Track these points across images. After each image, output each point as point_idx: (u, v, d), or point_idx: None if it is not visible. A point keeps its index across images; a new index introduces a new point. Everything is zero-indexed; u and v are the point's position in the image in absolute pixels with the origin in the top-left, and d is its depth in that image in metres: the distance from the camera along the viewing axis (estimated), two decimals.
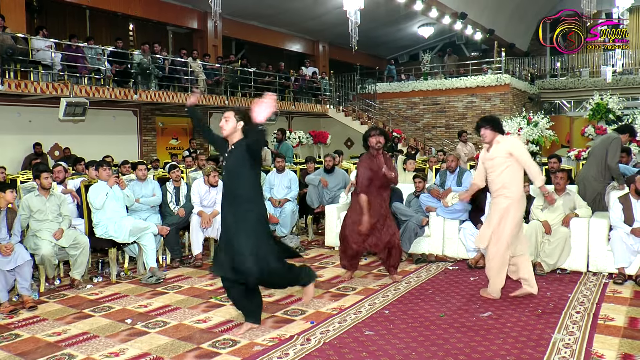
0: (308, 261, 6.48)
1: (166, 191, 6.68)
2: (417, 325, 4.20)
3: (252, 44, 17.97)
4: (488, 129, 4.83)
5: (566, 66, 21.82)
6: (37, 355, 3.77)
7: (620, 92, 15.53)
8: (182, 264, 6.41)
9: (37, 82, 9.75)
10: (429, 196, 6.57)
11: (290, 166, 8.62)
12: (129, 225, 5.73)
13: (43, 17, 12.98)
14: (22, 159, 10.39)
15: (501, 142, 4.80)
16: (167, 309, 4.74)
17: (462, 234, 6.27)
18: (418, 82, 18.94)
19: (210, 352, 3.76)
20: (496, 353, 3.63)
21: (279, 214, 7.44)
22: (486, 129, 4.84)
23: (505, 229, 4.71)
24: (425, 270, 5.95)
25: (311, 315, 4.47)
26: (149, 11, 13.94)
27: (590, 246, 5.67)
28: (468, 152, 11.29)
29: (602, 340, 3.84)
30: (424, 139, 17.93)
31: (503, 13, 19.67)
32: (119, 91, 11.05)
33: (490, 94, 17.54)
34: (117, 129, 12.55)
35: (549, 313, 4.44)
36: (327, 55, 20.36)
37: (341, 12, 12.74)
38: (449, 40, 23.16)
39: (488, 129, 4.83)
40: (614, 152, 6.38)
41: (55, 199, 5.50)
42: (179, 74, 12.52)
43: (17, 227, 4.97)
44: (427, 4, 15.72)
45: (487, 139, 4.86)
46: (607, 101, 11.98)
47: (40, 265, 5.30)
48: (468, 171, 6.96)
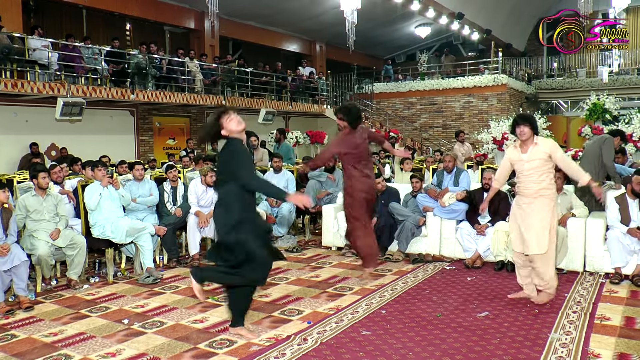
0: (305, 261, 6.48)
1: (163, 191, 6.67)
2: (414, 325, 4.21)
3: (249, 44, 17.97)
4: (527, 127, 4.55)
5: (563, 66, 21.88)
6: (33, 355, 3.76)
7: (617, 93, 15.59)
8: (179, 264, 6.40)
9: (34, 82, 9.73)
10: (426, 196, 6.57)
11: (287, 166, 8.62)
12: (126, 226, 5.72)
13: (40, 16, 12.95)
14: (18, 159, 10.35)
15: (540, 144, 4.56)
16: (164, 309, 4.74)
17: (459, 234, 6.27)
18: (415, 82, 18.97)
19: (207, 352, 3.75)
20: (493, 353, 3.64)
21: (276, 214, 7.44)
22: (525, 126, 4.55)
23: (554, 228, 4.58)
24: (422, 270, 5.96)
25: (308, 316, 4.47)
26: (146, 11, 13.93)
27: (587, 246, 5.68)
28: (465, 152, 11.30)
29: (598, 340, 3.84)
30: (421, 139, 17.95)
31: (500, 13, 19.70)
32: (116, 91, 11.03)
33: (487, 94, 17.58)
34: (114, 129, 12.52)
35: (545, 313, 4.44)
36: (324, 55, 20.37)
37: (338, 12, 12.76)
38: (446, 40, 23.21)
39: (527, 127, 4.55)
40: (608, 151, 6.40)
41: (52, 199, 5.49)
42: (176, 73, 12.52)
43: (13, 227, 4.96)
44: (424, 4, 15.74)
45: (525, 137, 4.56)
46: (604, 101, 12.01)
47: (36, 266, 5.28)
48: (465, 171, 6.96)
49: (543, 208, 4.53)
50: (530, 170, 4.56)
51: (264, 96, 15.12)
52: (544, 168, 4.53)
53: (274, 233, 7.63)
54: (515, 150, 4.71)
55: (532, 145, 4.57)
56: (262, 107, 14.53)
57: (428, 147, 17.07)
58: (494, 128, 11.08)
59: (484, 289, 5.16)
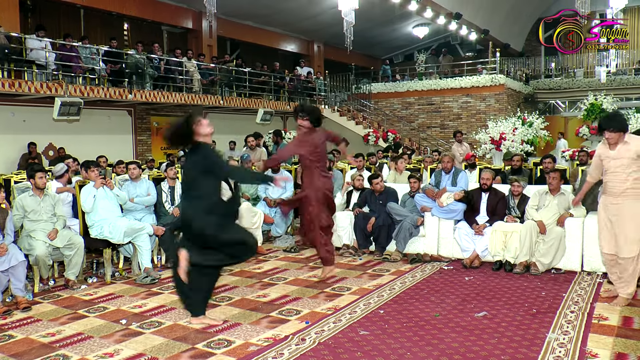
0: (303, 261, 6.48)
1: (161, 191, 6.66)
2: (412, 325, 4.21)
3: (247, 44, 17.96)
4: (613, 132, 4.46)
5: (561, 66, 21.91)
6: (31, 356, 3.75)
7: (614, 93, 15.62)
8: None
9: (32, 82, 9.71)
10: (424, 196, 6.58)
11: (285, 166, 8.62)
12: (124, 226, 5.71)
13: (37, 16, 12.93)
14: (15, 159, 10.33)
15: (630, 143, 4.46)
16: (162, 309, 4.73)
17: (457, 234, 6.28)
18: (413, 82, 18.97)
19: (205, 352, 3.75)
20: (491, 352, 3.64)
21: (274, 214, 7.44)
22: (611, 132, 4.46)
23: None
24: (420, 270, 5.96)
25: (306, 316, 4.47)
26: (144, 11, 13.92)
27: (584, 246, 5.69)
28: (463, 152, 11.30)
29: (596, 340, 3.85)
30: (419, 139, 17.96)
31: (498, 13, 19.74)
32: (113, 91, 11.02)
33: (485, 94, 17.59)
34: (112, 129, 12.51)
35: (543, 312, 4.45)
36: (322, 55, 20.37)
37: (336, 12, 12.77)
38: (444, 40, 23.23)
39: (613, 132, 4.46)
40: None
41: (49, 199, 5.48)
42: (173, 73, 12.50)
43: (9, 227, 4.95)
44: (422, 4, 15.75)
45: (613, 141, 4.50)
46: (602, 101, 12.05)
47: (34, 266, 5.27)
48: (463, 171, 6.98)
49: (629, 209, 4.47)
50: (617, 168, 4.51)
51: (261, 96, 15.12)
52: (635, 166, 4.46)
53: (272, 233, 7.63)
54: (604, 147, 4.66)
55: (622, 144, 4.51)
56: (260, 107, 14.53)
57: (426, 147, 17.08)
58: (491, 128, 11.10)
59: (482, 289, 5.16)
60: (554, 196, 5.87)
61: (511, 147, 10.49)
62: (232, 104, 13.85)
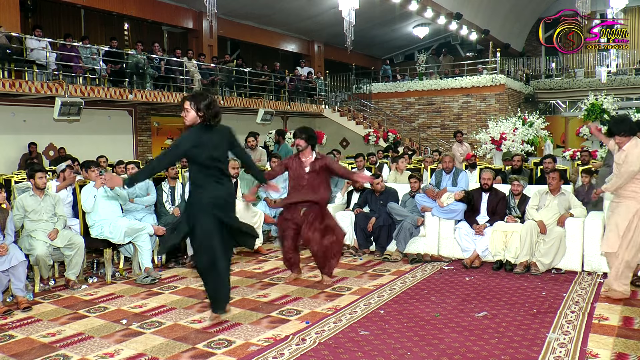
0: (303, 261, 6.47)
1: (161, 191, 6.66)
2: (412, 325, 4.21)
3: (247, 44, 17.97)
4: (623, 136, 4.53)
5: (561, 66, 21.92)
6: (31, 356, 3.75)
7: (615, 93, 15.62)
8: (177, 264, 6.40)
9: (32, 82, 9.72)
10: (424, 196, 6.58)
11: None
12: (124, 226, 5.72)
13: (37, 16, 12.94)
14: (16, 159, 10.34)
15: (639, 146, 4.52)
16: (162, 309, 4.73)
17: (457, 234, 6.28)
18: (413, 82, 18.99)
19: (206, 352, 3.75)
20: (491, 353, 3.64)
21: (274, 214, 7.43)
22: (621, 137, 4.54)
23: (638, 231, 4.58)
24: (421, 270, 5.96)
25: (306, 316, 4.47)
26: (144, 11, 13.92)
27: (585, 246, 5.69)
28: (463, 152, 11.30)
29: (596, 340, 3.85)
30: (419, 139, 17.96)
31: (498, 13, 19.74)
32: (114, 91, 11.02)
33: (486, 94, 17.60)
34: (112, 129, 12.51)
35: (544, 313, 4.45)
36: (322, 55, 20.38)
37: (336, 12, 12.78)
38: (444, 40, 23.23)
39: (623, 136, 4.53)
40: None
41: (50, 199, 5.48)
42: (174, 73, 12.50)
43: (10, 226, 4.95)
44: (422, 4, 15.76)
45: (623, 146, 4.58)
46: (602, 101, 12.05)
47: (34, 266, 5.27)
48: (463, 171, 6.99)
49: (626, 210, 4.58)
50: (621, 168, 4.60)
51: (262, 96, 15.13)
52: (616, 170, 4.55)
53: (272, 233, 7.63)
54: (613, 146, 4.76)
55: (630, 147, 4.56)
56: (261, 107, 14.53)
57: (426, 147, 17.09)
58: (492, 128, 11.11)
59: (482, 289, 5.16)
60: (555, 196, 5.87)
61: (511, 147, 10.50)
62: (232, 104, 13.85)
